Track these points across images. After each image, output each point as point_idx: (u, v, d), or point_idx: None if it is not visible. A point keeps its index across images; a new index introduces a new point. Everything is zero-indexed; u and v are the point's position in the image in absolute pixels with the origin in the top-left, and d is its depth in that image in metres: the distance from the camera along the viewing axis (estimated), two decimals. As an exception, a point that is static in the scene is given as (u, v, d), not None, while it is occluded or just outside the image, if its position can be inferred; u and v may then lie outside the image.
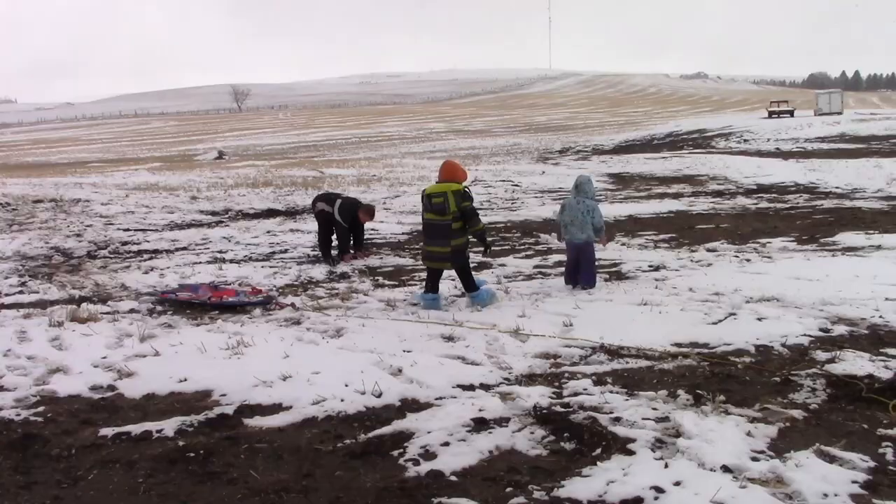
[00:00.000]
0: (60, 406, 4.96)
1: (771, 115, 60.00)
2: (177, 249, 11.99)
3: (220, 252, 11.59)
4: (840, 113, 57.73)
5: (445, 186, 7.55)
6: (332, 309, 7.52)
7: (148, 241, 12.73)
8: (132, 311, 7.69)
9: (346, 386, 5.10)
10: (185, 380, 5.38)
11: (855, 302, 6.94)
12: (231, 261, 10.76)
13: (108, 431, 4.48)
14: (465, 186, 7.66)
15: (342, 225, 10.51)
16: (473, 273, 8.01)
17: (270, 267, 10.15)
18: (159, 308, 7.80)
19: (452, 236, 7.50)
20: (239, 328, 6.81)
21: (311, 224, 14.42)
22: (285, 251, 11.59)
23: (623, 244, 11.17)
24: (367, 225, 11.61)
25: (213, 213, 16.45)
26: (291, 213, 16.43)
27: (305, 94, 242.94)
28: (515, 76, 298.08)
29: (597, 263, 8.35)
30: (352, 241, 10.73)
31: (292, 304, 7.75)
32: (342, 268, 9.96)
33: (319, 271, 9.73)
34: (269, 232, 13.62)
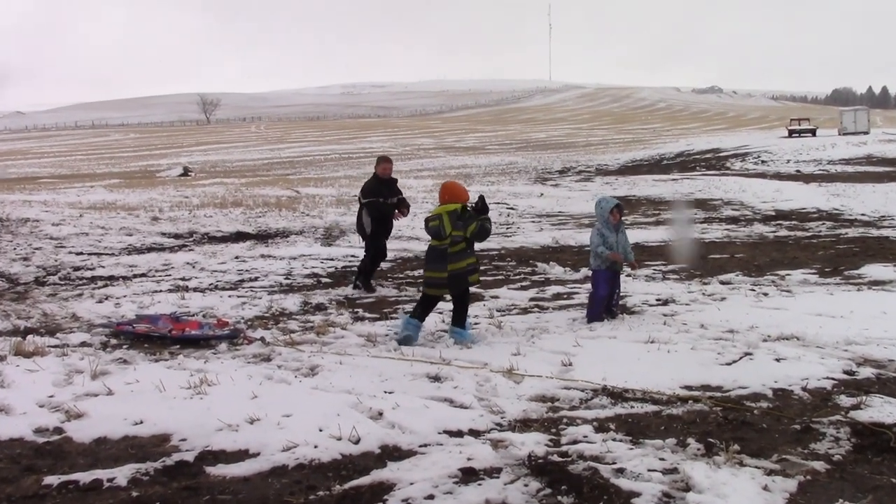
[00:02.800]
0: (0, 451, 4.91)
1: (791, 133, 60.79)
2: (135, 276, 11.95)
3: (183, 279, 11.56)
4: (866, 132, 58.43)
5: (442, 208, 7.68)
6: (305, 344, 7.51)
7: (103, 267, 12.69)
8: (83, 344, 7.64)
9: (321, 430, 5.08)
10: (141, 422, 5.34)
11: (882, 341, 6.97)
12: (195, 289, 10.73)
13: (52, 480, 4.43)
14: (469, 203, 7.71)
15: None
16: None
17: (238, 297, 10.13)
18: (114, 341, 7.76)
19: (450, 260, 7.58)
20: (202, 365, 6.78)
21: (285, 250, 14.46)
22: (255, 279, 11.58)
23: (628, 275, 11.21)
24: (347, 251, 11.54)
25: (176, 236, 16.44)
26: (263, 237, 16.44)
27: (281, 104, 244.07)
28: (512, 88, 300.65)
29: (603, 296, 8.31)
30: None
31: (262, 339, 7.73)
32: (317, 299, 9.95)
33: (293, 302, 9.71)
34: (237, 258, 13.61)
